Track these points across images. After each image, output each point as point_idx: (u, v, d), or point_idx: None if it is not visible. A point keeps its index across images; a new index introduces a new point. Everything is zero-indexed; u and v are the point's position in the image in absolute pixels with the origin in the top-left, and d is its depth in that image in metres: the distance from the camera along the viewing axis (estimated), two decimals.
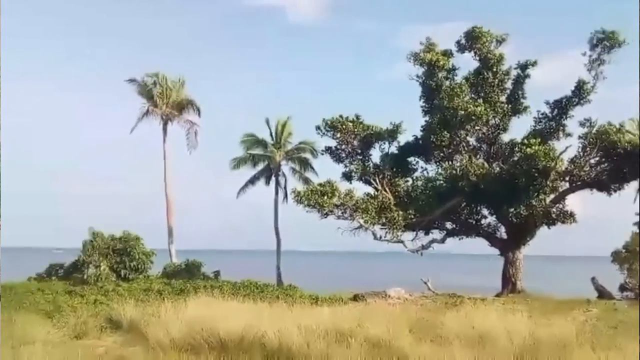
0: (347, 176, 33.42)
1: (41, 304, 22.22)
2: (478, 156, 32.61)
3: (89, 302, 23.15)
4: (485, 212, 33.19)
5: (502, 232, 32.66)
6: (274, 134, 38.55)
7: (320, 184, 31.35)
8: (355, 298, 26.67)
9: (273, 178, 38.20)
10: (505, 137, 33.03)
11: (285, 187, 38.09)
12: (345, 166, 33.61)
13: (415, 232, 32.11)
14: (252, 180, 38.18)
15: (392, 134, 32.99)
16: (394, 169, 32.86)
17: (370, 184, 32.53)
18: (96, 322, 19.19)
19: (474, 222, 33.37)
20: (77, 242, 29.49)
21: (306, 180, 37.04)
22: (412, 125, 33.97)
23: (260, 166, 38.24)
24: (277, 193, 38.04)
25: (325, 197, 30.05)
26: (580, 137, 30.77)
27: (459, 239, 33.70)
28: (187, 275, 29.63)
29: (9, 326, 17.33)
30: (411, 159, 34.10)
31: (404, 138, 33.64)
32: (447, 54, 33.20)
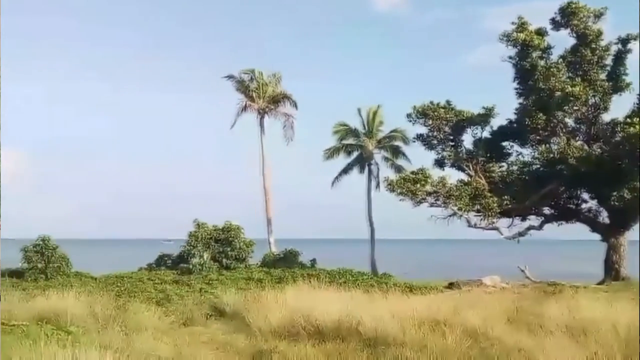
0: (440, 163, 33.14)
1: (151, 292, 23.63)
2: (577, 138, 31.29)
3: (195, 290, 24.31)
4: (585, 196, 31.86)
5: (604, 217, 31.16)
6: (365, 123, 38.81)
7: (412, 172, 31.32)
8: (450, 286, 26.53)
9: (366, 167, 38.50)
10: (606, 117, 31.40)
11: (377, 176, 38.30)
12: (437, 153, 33.31)
13: (511, 219, 31.37)
14: (346, 170, 38.71)
15: (484, 118, 32.33)
16: (488, 154, 32.21)
17: (463, 170, 32.11)
18: (201, 309, 20.13)
19: (573, 207, 32.12)
20: (184, 234, 31.19)
21: (398, 168, 37.07)
22: (506, 109, 33.12)
23: (353, 155, 38.65)
24: (369, 182, 38.34)
25: (418, 185, 29.99)
26: None
27: (558, 225, 32.58)
28: (285, 264, 30.55)
29: (122, 313, 18.65)
30: (505, 143, 33.26)
31: (497, 122, 32.89)
32: (541, 32, 31.95)
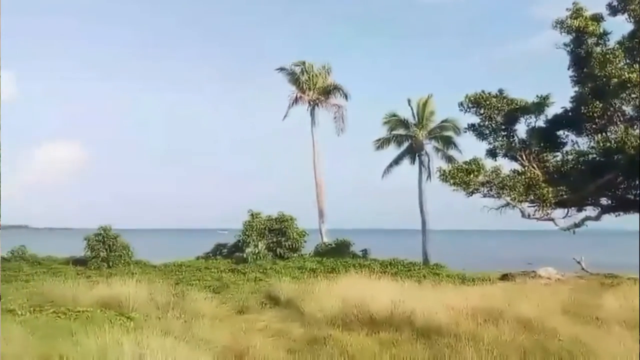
0: (492, 153, 32.60)
1: (208, 280, 24.34)
2: (635, 126, 30.25)
3: (250, 279, 24.91)
4: None
5: None
6: (415, 114, 38.59)
7: (465, 162, 30.98)
8: (503, 277, 26.31)
9: (416, 157, 38.33)
10: None
11: (428, 166, 38.09)
12: (490, 143, 32.74)
13: (566, 210, 30.66)
14: (396, 160, 38.61)
15: (538, 107, 31.59)
16: (542, 144, 31.49)
17: (516, 160, 31.52)
18: (257, 298, 20.72)
19: (632, 197, 31.12)
20: (239, 224, 31.90)
21: (449, 159, 36.73)
22: (561, 97, 32.36)
23: (404, 146, 38.52)
24: (420, 172, 38.14)
25: (471, 175, 29.65)
26: None
27: (616, 216, 31.66)
28: (337, 254, 30.89)
29: (180, 301, 19.30)
30: (560, 132, 32.40)
31: (552, 111, 32.10)
32: (597, 18, 30.96)
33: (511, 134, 32.42)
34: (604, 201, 31.24)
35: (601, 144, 29.49)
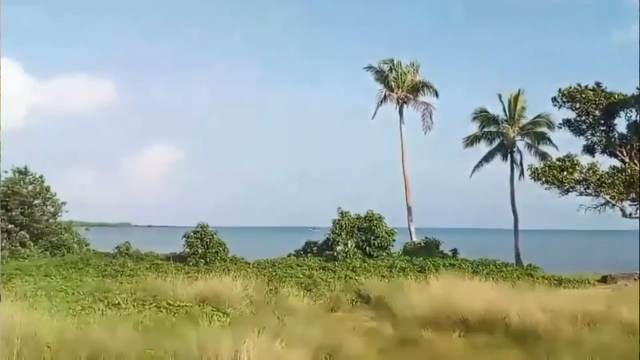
0: (589, 149, 31.25)
1: (300, 277, 24.69)
2: None
3: (340, 277, 25.07)
4: None
5: None
6: (506, 109, 37.49)
7: (558, 159, 29.88)
8: (603, 280, 25.16)
9: (508, 154, 37.22)
10: None
11: (521, 164, 36.88)
12: (587, 138, 31.41)
13: None
14: (487, 158, 37.60)
15: (639, 100, 29.98)
16: None
17: (616, 156, 30.07)
18: (347, 295, 20.84)
19: None
20: (329, 222, 32.17)
21: (543, 156, 35.40)
22: None
23: (495, 143, 37.50)
24: (512, 170, 37.00)
25: (565, 173, 28.59)
26: None
27: None
28: (426, 253, 30.61)
29: (273, 296, 19.81)
30: None
31: None
32: None
33: (610, 128, 30.96)
34: None
35: None
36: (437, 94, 39.15)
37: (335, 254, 29.42)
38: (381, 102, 38.69)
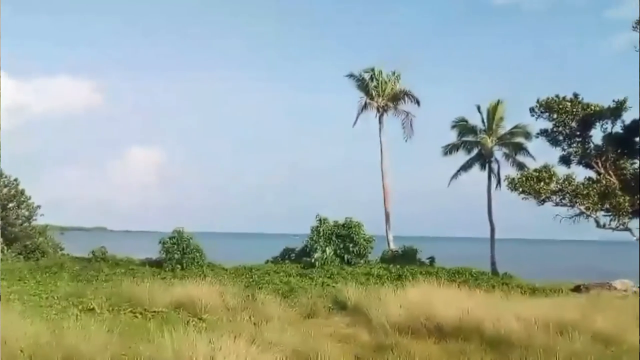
0: (565, 160, 31.71)
1: (277, 284, 24.63)
2: None
3: (317, 284, 25.04)
4: None
5: None
6: (485, 119, 37.95)
7: (535, 170, 30.28)
8: (577, 289, 25.51)
9: (486, 164, 37.64)
10: None
11: (498, 174, 37.32)
12: (563, 149, 31.86)
13: None
14: (465, 167, 38.02)
15: (615, 112, 30.48)
16: (619, 150, 30.37)
17: (591, 167, 30.54)
18: (324, 302, 20.80)
19: None
20: (307, 229, 32.28)
21: (520, 166, 35.89)
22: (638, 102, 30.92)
23: (473, 152, 37.92)
24: (489, 179, 37.43)
25: (542, 183, 28.97)
26: None
27: None
28: (403, 261, 30.77)
29: (250, 303, 19.72)
30: (638, 138, 31.20)
31: (629, 116, 30.90)
32: None
33: (586, 140, 31.44)
34: None
35: None
36: (418, 103, 39.55)
37: (313, 260, 29.43)
38: (362, 109, 38.95)
